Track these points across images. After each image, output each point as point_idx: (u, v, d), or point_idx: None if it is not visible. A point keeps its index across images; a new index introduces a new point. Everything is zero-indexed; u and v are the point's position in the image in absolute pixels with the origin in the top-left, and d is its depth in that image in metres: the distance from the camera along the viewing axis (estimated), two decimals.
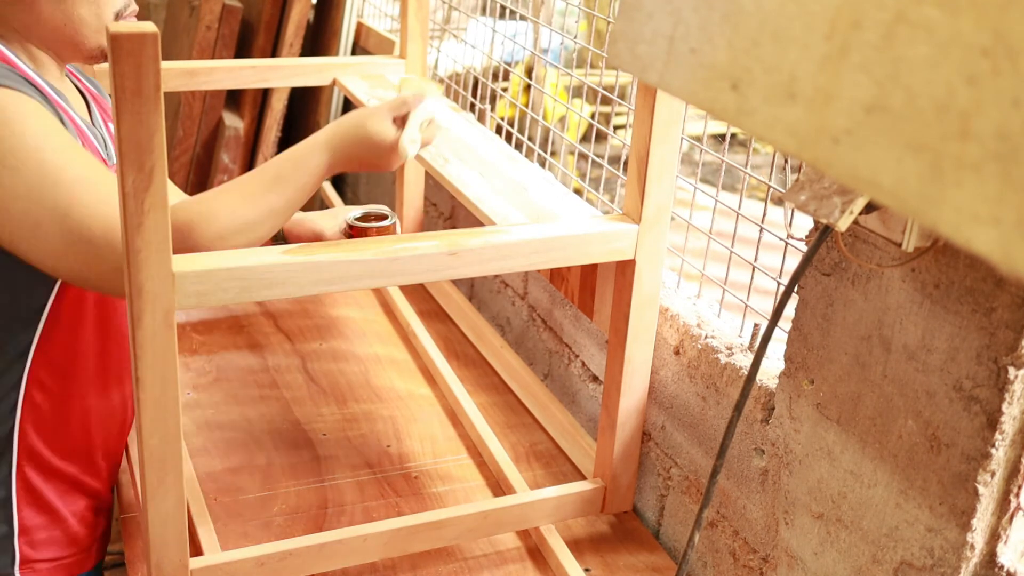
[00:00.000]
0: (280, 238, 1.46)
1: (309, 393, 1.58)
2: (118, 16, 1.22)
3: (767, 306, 1.11)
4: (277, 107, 2.54)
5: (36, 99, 1.09)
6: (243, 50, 2.60)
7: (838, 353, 1.03)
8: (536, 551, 1.31)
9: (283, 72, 1.87)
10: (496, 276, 1.86)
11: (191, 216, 1.10)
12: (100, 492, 1.31)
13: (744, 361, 1.21)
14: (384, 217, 1.44)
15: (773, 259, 1.21)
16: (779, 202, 1.17)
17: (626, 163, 1.37)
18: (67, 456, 1.25)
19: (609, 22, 1.42)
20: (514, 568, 1.27)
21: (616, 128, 1.77)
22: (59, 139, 1.07)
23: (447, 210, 2.04)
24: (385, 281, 1.09)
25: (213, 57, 2.51)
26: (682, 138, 1.21)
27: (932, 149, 0.52)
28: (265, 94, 2.56)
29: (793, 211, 1.13)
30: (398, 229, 1.46)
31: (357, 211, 1.45)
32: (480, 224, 1.32)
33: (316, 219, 1.49)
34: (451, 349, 1.75)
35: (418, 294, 1.93)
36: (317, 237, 1.46)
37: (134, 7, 1.24)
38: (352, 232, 1.43)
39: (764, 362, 1.17)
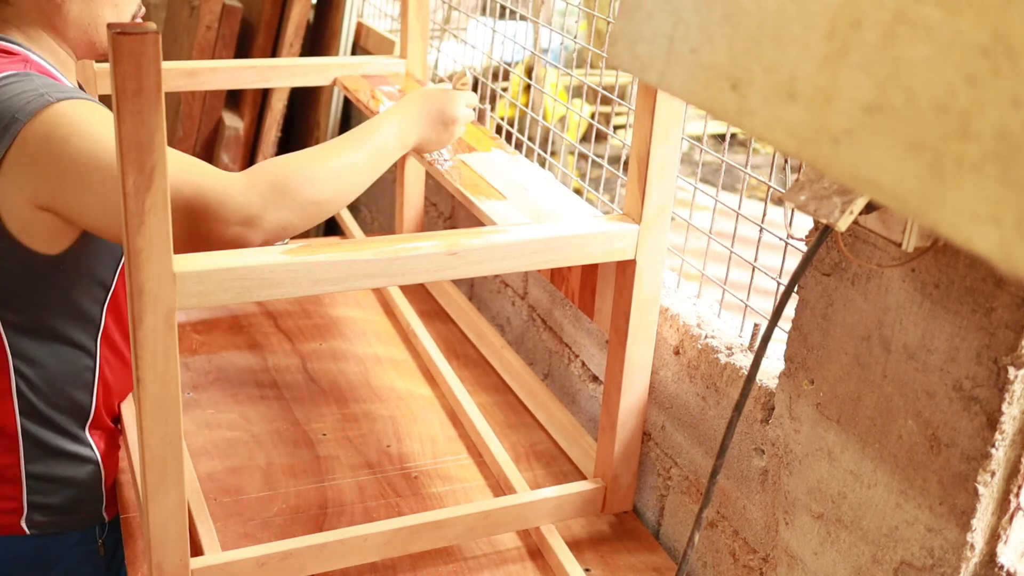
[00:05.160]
0: None
1: (309, 393, 1.58)
2: (133, 17, 1.31)
3: (767, 306, 1.11)
4: (277, 107, 2.54)
5: (94, 100, 1.19)
6: (243, 50, 2.60)
7: (838, 353, 1.03)
8: (536, 551, 1.31)
9: (283, 72, 1.87)
10: (496, 276, 1.86)
11: (286, 175, 1.15)
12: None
13: (744, 361, 1.21)
14: None
15: (773, 259, 1.21)
16: (779, 202, 1.17)
17: (626, 163, 1.37)
18: (110, 415, 1.40)
19: (609, 22, 1.42)
20: (514, 568, 1.27)
21: (616, 128, 1.77)
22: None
23: (447, 210, 2.04)
24: (385, 281, 1.09)
25: (213, 57, 2.51)
26: (682, 138, 1.21)
27: (932, 149, 0.52)
28: (265, 94, 2.56)
29: (793, 211, 1.13)
30: None
31: None
32: (480, 224, 1.32)
33: None
34: (451, 349, 1.75)
35: (418, 294, 1.93)
36: None
37: (142, 10, 1.34)
38: None
39: (764, 362, 1.17)
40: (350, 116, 2.61)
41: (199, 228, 1.09)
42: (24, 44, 1.25)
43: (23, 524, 1.31)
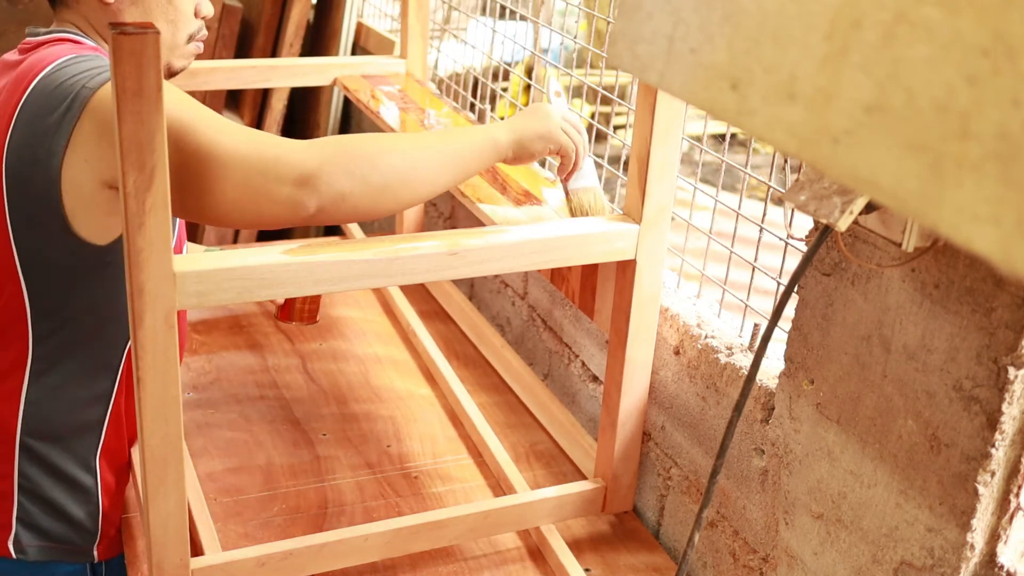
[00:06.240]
0: None
1: (309, 393, 1.58)
2: (191, 39, 1.28)
3: (767, 306, 1.11)
4: (277, 107, 2.54)
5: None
6: (243, 50, 2.60)
7: (838, 353, 1.03)
8: (536, 551, 1.31)
9: (283, 72, 1.88)
10: (496, 276, 1.86)
11: (353, 142, 1.10)
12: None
13: (744, 361, 1.21)
14: None
15: (773, 259, 1.21)
16: (779, 202, 1.17)
17: (626, 163, 1.37)
18: (130, 441, 1.34)
19: (609, 22, 1.42)
20: (514, 568, 1.27)
21: (616, 128, 1.77)
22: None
23: (447, 210, 2.04)
24: (385, 281, 1.09)
25: (213, 57, 2.51)
26: (682, 138, 1.21)
27: (932, 149, 0.52)
28: (265, 94, 2.56)
29: (793, 211, 1.13)
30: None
31: None
32: (480, 224, 1.32)
33: None
34: (451, 349, 1.75)
35: (418, 294, 1.93)
36: None
37: (205, 32, 1.30)
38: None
39: (764, 362, 1.17)
40: (350, 116, 2.61)
41: (256, 187, 1.05)
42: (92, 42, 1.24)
43: (10, 545, 1.24)
